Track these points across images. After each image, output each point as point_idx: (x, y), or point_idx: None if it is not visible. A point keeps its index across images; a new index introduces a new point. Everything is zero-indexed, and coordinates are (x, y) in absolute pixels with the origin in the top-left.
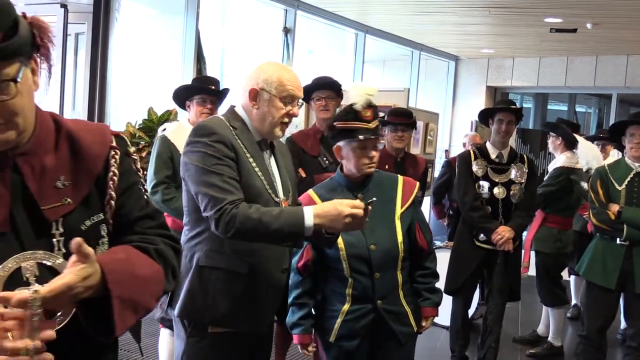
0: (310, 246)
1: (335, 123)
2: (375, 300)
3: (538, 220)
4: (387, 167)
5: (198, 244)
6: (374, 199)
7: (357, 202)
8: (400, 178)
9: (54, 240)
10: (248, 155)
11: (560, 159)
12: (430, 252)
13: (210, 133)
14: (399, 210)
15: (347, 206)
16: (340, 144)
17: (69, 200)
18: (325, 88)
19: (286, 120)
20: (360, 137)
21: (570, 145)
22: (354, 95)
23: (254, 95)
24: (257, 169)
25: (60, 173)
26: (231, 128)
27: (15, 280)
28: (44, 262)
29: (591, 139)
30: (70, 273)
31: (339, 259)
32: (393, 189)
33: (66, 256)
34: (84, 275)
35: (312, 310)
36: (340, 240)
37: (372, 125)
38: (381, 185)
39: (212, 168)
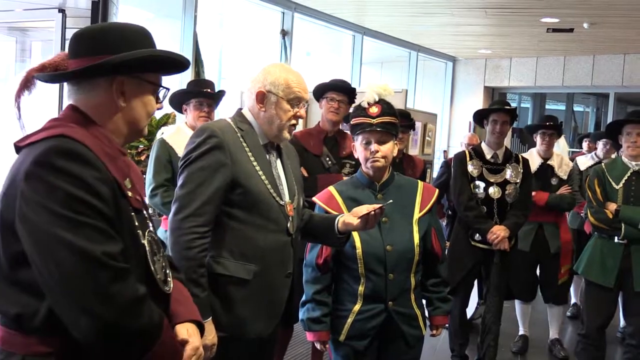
0: None
1: (351, 116)
2: (386, 301)
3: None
4: None
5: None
6: (390, 201)
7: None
8: (421, 184)
9: (146, 215)
10: (252, 158)
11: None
12: (443, 260)
13: (208, 136)
14: (417, 215)
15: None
16: (354, 140)
17: None
18: (343, 92)
19: (293, 122)
20: (357, 133)
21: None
22: (367, 93)
23: (261, 97)
24: (260, 172)
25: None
26: (237, 131)
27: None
28: (152, 233)
29: (597, 136)
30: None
31: (354, 258)
32: (413, 193)
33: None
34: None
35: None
36: (356, 239)
37: (376, 120)
38: (401, 188)
39: (190, 177)
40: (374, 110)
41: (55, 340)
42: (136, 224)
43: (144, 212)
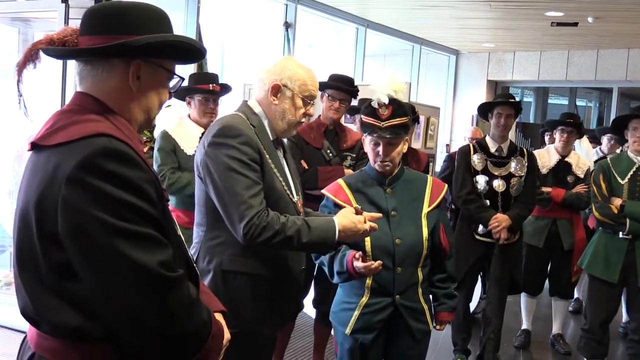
0: None
1: (361, 113)
2: (394, 295)
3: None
4: None
5: (218, 246)
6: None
7: (368, 217)
8: (430, 178)
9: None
10: (267, 155)
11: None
12: (451, 256)
13: (237, 135)
14: (425, 209)
15: (364, 223)
16: (363, 135)
17: None
18: (344, 91)
19: (303, 120)
20: (367, 133)
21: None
22: (377, 90)
23: (276, 90)
24: (275, 170)
25: None
26: (251, 127)
27: None
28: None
29: (602, 131)
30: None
31: (363, 250)
32: (422, 188)
33: None
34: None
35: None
36: None
37: (385, 124)
38: (410, 183)
39: (238, 175)
40: (384, 112)
41: (114, 349)
42: (172, 216)
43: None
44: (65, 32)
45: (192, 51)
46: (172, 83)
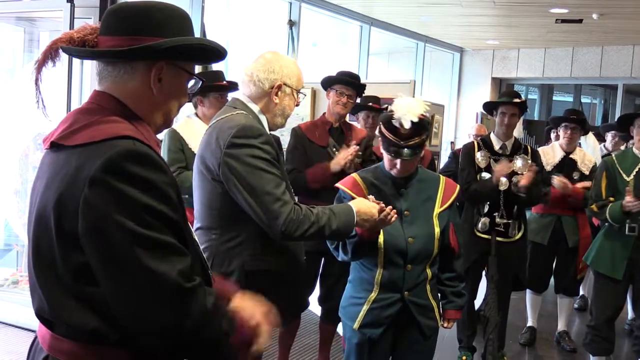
0: None
1: (381, 123)
2: (403, 291)
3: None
4: None
5: (237, 247)
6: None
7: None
8: (443, 179)
9: None
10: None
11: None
12: (460, 255)
13: (259, 134)
14: (437, 209)
15: (377, 210)
16: (382, 150)
17: None
18: (352, 86)
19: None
20: (384, 149)
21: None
22: (398, 110)
23: (278, 89)
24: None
25: None
26: None
27: None
28: None
29: (606, 128)
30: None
31: (376, 249)
32: (435, 188)
33: None
34: None
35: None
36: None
37: (404, 143)
38: (424, 183)
39: (267, 174)
40: (405, 131)
41: (130, 352)
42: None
43: None
44: (85, 31)
45: (214, 53)
46: (189, 84)
